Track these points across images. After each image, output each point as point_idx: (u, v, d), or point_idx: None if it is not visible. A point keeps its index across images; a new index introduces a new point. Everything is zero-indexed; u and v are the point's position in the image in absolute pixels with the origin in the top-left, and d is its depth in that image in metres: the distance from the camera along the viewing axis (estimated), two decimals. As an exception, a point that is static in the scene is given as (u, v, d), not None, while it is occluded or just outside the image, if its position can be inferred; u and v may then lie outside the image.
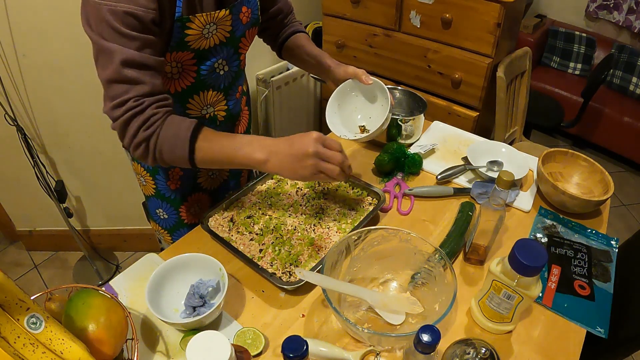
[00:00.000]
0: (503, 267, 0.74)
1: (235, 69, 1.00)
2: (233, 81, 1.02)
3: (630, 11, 3.01)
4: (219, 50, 0.91)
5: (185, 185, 1.11)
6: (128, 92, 0.75)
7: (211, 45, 0.88)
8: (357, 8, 2.02)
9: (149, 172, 1.09)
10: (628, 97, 2.98)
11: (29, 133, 1.79)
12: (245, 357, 0.66)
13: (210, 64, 0.92)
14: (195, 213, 1.16)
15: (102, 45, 0.73)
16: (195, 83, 0.93)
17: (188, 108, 0.97)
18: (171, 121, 0.79)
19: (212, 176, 1.14)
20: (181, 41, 0.82)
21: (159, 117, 0.77)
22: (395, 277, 0.90)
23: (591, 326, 0.83)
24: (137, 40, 0.73)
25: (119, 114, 0.75)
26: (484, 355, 0.63)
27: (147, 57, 0.75)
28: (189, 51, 0.85)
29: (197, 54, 0.87)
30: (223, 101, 1.02)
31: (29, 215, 2.19)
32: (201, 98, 0.97)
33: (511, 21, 1.78)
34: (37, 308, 0.63)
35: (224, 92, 1.01)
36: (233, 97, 1.05)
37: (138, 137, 0.77)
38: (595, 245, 1.00)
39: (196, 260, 0.85)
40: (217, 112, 1.02)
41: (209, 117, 1.02)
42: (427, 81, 1.99)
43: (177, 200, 1.12)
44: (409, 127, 1.24)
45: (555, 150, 1.13)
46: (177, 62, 0.87)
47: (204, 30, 0.83)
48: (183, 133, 0.78)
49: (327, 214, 1.02)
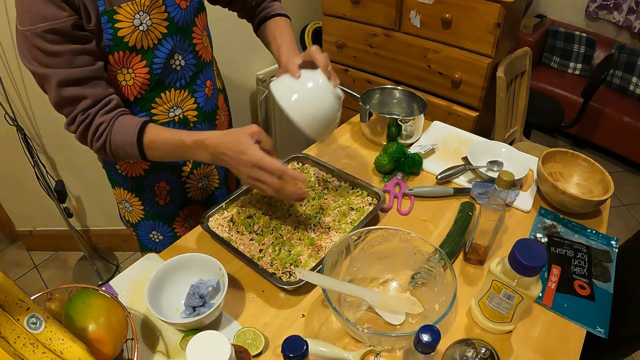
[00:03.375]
0: (503, 267, 0.74)
1: (193, 61, 0.95)
2: (196, 75, 0.97)
3: (630, 11, 3.01)
4: (165, 45, 0.87)
5: (175, 198, 1.08)
6: (73, 110, 0.80)
7: (155, 41, 0.85)
8: (357, 8, 2.02)
9: (134, 193, 1.06)
10: (628, 97, 2.98)
11: (29, 133, 1.79)
12: (245, 357, 0.66)
13: (162, 61, 0.88)
14: (190, 227, 1.11)
15: (38, 73, 0.77)
16: (152, 84, 0.89)
17: (154, 114, 0.94)
18: (118, 126, 0.82)
19: (202, 187, 1.12)
20: (115, 37, 0.80)
21: (106, 125, 0.81)
22: (395, 277, 0.90)
23: (591, 326, 0.83)
24: (66, 54, 0.75)
25: (73, 129, 0.82)
26: (484, 355, 0.63)
27: (81, 71, 0.77)
28: (132, 51, 0.83)
29: (143, 54, 0.85)
30: (190, 99, 0.98)
31: (29, 215, 2.19)
32: (164, 100, 0.93)
33: (511, 21, 1.78)
34: (37, 308, 0.63)
35: (188, 89, 0.97)
36: (201, 92, 1.00)
37: (94, 146, 0.83)
38: (595, 245, 1.00)
39: (196, 260, 0.85)
40: (187, 112, 0.98)
41: (178, 120, 0.98)
42: (427, 81, 1.99)
43: (169, 216, 1.10)
44: (409, 127, 1.24)
45: (555, 150, 1.13)
46: (126, 67, 0.85)
47: (135, 21, 0.80)
48: (129, 139, 0.81)
49: (327, 214, 1.02)
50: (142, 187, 1.05)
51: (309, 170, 1.15)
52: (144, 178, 1.04)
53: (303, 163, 1.18)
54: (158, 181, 1.05)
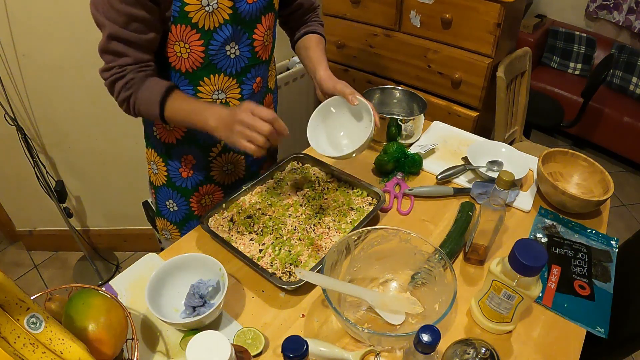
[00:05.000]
0: (503, 267, 0.74)
1: (248, 55, 0.98)
2: (247, 68, 1.00)
3: (630, 11, 3.01)
4: (225, 30, 0.90)
5: (197, 174, 1.11)
6: (113, 61, 0.86)
7: (216, 25, 0.88)
8: (357, 8, 2.02)
9: (162, 157, 1.09)
10: (628, 97, 2.98)
11: (29, 133, 1.79)
12: (245, 357, 0.66)
13: (218, 44, 0.91)
14: (206, 205, 1.16)
15: (97, 18, 0.82)
16: (204, 64, 0.93)
17: (199, 91, 0.97)
18: (148, 84, 0.87)
19: (227, 172, 1.14)
20: (182, 12, 0.84)
21: (136, 80, 0.87)
22: (395, 277, 0.90)
23: (591, 326, 0.83)
24: (125, 15, 0.80)
25: (106, 76, 0.88)
26: (484, 355, 0.63)
27: (132, 35, 0.83)
28: (193, 28, 0.86)
29: (203, 34, 0.88)
30: (236, 88, 1.00)
31: (29, 215, 2.19)
32: (212, 81, 0.96)
33: (511, 21, 1.78)
34: (37, 308, 0.63)
35: (237, 79, 0.99)
36: (249, 86, 1.02)
37: (120, 96, 0.88)
38: (595, 245, 1.00)
39: (196, 260, 0.85)
40: (230, 99, 1.01)
41: (220, 104, 1.00)
42: (427, 81, 1.99)
43: (189, 189, 1.12)
44: (409, 127, 1.24)
45: (555, 150, 1.13)
46: (184, 41, 0.88)
47: (203, 1, 0.84)
48: (155, 97, 0.87)
49: (327, 214, 1.02)
50: (170, 154, 1.08)
51: (309, 170, 1.15)
52: (174, 146, 1.07)
53: (303, 163, 1.18)
54: (187, 154, 1.07)
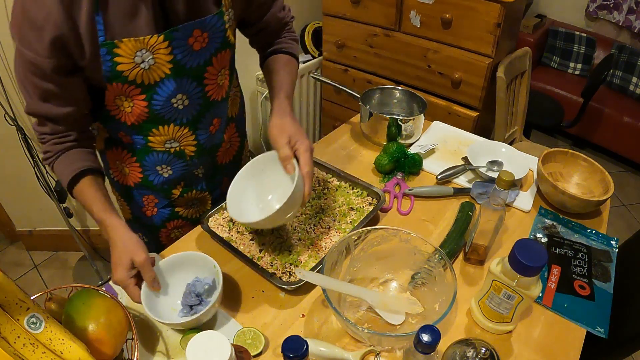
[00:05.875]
0: (503, 267, 0.74)
1: (199, 101, 0.88)
2: (200, 114, 0.90)
3: (630, 11, 3.01)
4: (168, 85, 0.81)
5: (162, 211, 1.05)
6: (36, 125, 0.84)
7: (157, 80, 0.79)
8: (357, 8, 2.02)
9: (123, 198, 1.05)
10: (628, 97, 2.98)
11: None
12: (245, 357, 0.66)
13: (163, 99, 0.82)
14: (176, 238, 1.05)
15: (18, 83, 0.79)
16: (150, 117, 0.85)
17: (150, 141, 0.90)
18: (59, 162, 0.85)
19: (194, 206, 1.08)
20: (114, 70, 0.75)
21: (53, 153, 0.85)
22: (395, 277, 0.90)
23: (591, 326, 0.83)
24: (39, 89, 0.77)
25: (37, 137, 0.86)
26: (484, 355, 0.63)
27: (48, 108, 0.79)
28: (132, 85, 0.78)
29: (143, 89, 0.80)
30: (191, 136, 0.92)
31: (29, 215, 2.19)
32: (162, 132, 0.88)
33: (511, 21, 1.78)
34: (37, 308, 0.63)
35: (190, 127, 0.91)
36: (205, 131, 0.94)
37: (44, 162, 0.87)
38: (595, 245, 1.00)
39: (191, 258, 0.84)
40: (184, 147, 0.93)
41: (174, 152, 0.93)
42: (427, 81, 1.99)
43: (156, 225, 1.07)
44: (409, 127, 1.24)
45: (555, 150, 1.13)
46: (125, 95, 0.80)
47: (136, 58, 0.75)
48: (64, 181, 0.85)
49: (327, 214, 1.02)
50: (131, 195, 1.02)
51: (309, 170, 1.15)
52: (132, 189, 1.01)
53: (303, 163, 1.18)
54: (147, 194, 1.02)
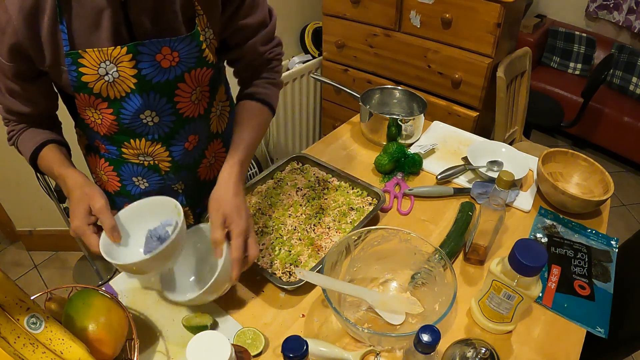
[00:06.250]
0: (503, 267, 0.74)
1: (171, 118, 0.84)
2: (174, 130, 0.86)
3: (630, 11, 3.01)
4: (134, 100, 0.78)
5: None
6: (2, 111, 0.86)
7: (122, 94, 0.77)
8: (357, 8, 2.02)
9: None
10: (628, 97, 2.98)
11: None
12: (245, 357, 0.66)
13: (130, 114, 0.80)
14: None
15: None
16: (120, 130, 0.83)
17: (123, 152, 0.88)
18: (22, 139, 0.86)
19: None
20: (79, 81, 0.74)
21: (15, 133, 0.87)
22: (395, 277, 0.90)
23: (591, 326, 0.83)
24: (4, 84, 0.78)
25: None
26: (484, 355, 0.63)
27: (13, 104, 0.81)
28: (98, 97, 0.76)
29: (110, 102, 0.78)
30: (164, 152, 0.88)
31: (29, 215, 2.19)
32: (134, 145, 0.86)
33: (511, 21, 1.78)
34: (37, 308, 0.63)
35: (163, 142, 0.87)
36: (179, 147, 0.89)
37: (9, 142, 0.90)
38: (595, 245, 1.00)
39: (153, 204, 0.77)
40: (159, 162, 0.90)
41: (149, 165, 0.91)
42: (427, 81, 1.99)
43: None
44: (409, 127, 1.24)
45: (555, 150, 1.13)
46: (94, 107, 0.79)
47: (100, 70, 0.73)
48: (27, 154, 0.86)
49: (327, 214, 1.02)
50: (113, 201, 0.99)
51: (309, 171, 1.15)
52: (113, 196, 0.99)
53: (303, 163, 1.18)
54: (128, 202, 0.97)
